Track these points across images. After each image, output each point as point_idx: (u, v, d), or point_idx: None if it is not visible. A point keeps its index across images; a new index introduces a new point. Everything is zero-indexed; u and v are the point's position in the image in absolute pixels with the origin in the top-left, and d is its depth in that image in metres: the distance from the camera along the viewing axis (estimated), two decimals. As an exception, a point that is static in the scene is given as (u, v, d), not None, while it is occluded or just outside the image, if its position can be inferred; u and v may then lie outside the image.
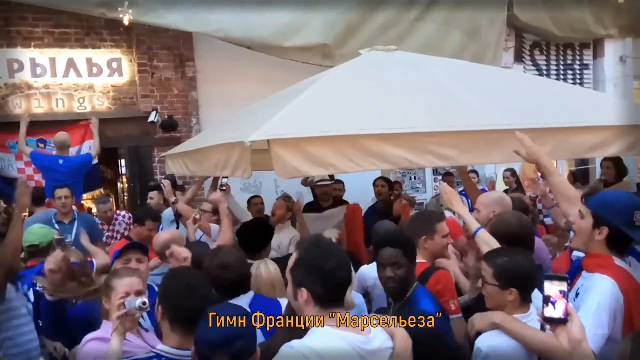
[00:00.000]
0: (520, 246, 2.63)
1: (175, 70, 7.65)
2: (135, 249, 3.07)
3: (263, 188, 7.61)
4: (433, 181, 9.12)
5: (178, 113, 7.66)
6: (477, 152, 3.45)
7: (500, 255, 2.39)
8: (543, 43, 9.49)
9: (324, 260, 1.93)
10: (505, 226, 2.85)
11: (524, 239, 2.82)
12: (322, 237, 2.23)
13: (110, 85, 7.43)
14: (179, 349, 2.06)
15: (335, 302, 1.94)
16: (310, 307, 1.92)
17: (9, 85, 6.99)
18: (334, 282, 1.92)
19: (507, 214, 3.05)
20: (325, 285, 1.90)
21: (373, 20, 7.55)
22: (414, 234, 3.05)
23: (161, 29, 7.19)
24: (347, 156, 3.17)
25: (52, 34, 7.12)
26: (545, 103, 3.89)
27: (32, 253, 3.83)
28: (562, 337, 1.70)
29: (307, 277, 1.93)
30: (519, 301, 2.29)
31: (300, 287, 1.93)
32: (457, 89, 3.84)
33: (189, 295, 2.11)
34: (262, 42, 7.12)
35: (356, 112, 3.46)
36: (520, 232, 2.83)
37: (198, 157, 4.35)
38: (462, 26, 8.08)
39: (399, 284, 2.64)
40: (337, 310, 1.92)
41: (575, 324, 1.68)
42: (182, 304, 2.09)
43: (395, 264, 2.63)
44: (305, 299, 1.91)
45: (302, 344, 1.84)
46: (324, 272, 1.90)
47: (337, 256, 1.97)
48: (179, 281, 2.19)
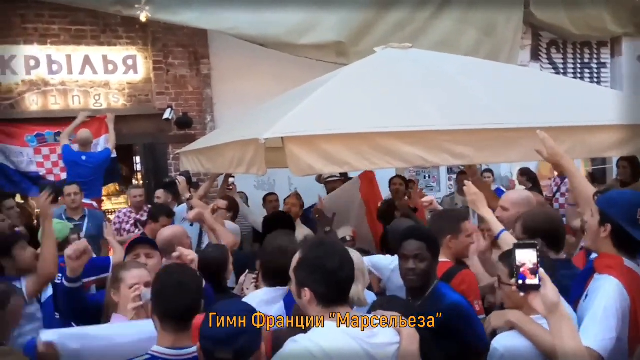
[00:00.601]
0: (552, 243, 2.62)
1: (190, 67, 7.68)
2: (144, 244, 3.07)
3: (277, 185, 7.61)
4: (447, 180, 9.07)
5: (192, 110, 7.69)
6: (492, 150, 3.42)
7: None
8: (560, 41, 9.39)
9: (326, 259, 1.94)
10: (541, 221, 2.81)
11: (557, 235, 2.79)
12: (326, 237, 2.23)
13: (125, 82, 7.48)
14: (172, 349, 2.00)
15: (338, 301, 1.94)
16: (314, 306, 1.93)
17: (26, 81, 7.06)
18: (336, 281, 1.93)
19: (539, 210, 3.01)
20: (327, 284, 1.91)
21: (388, 18, 7.52)
22: (439, 233, 3.02)
23: (176, 27, 7.22)
24: (361, 154, 3.16)
25: (68, 31, 7.17)
26: (562, 101, 3.85)
27: None
28: (536, 302, 1.72)
29: (309, 277, 1.94)
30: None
31: (303, 286, 1.95)
32: (473, 86, 3.81)
33: (178, 293, 2.04)
34: (277, 40, 7.12)
35: (370, 109, 3.45)
36: (554, 228, 2.80)
37: (212, 154, 4.37)
38: (478, 23, 8.02)
39: (419, 277, 2.64)
40: (340, 309, 1.93)
41: (549, 288, 1.71)
42: (171, 302, 2.03)
43: (417, 256, 2.63)
44: (308, 298, 1.93)
45: (305, 337, 1.86)
46: (325, 272, 1.92)
47: (339, 255, 1.97)
48: (169, 278, 2.12)
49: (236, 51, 7.44)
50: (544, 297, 1.71)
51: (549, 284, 1.72)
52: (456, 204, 7.06)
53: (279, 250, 2.69)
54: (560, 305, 1.74)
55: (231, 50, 7.50)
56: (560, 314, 1.74)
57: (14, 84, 7.01)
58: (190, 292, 2.06)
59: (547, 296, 1.71)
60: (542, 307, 1.72)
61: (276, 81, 6.92)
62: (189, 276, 2.15)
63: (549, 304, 1.71)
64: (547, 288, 1.71)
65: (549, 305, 1.72)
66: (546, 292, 1.71)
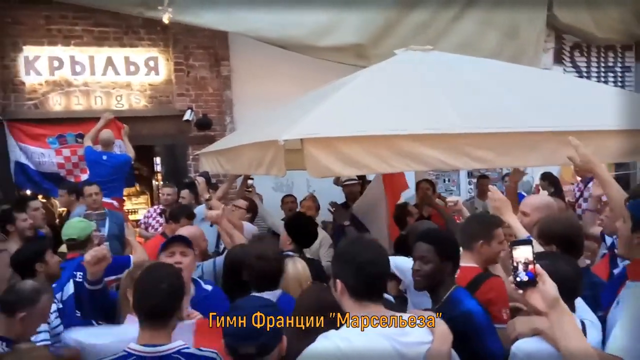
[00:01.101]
0: (569, 248, 2.58)
1: (210, 69, 7.73)
2: (179, 242, 3.10)
3: (295, 187, 7.61)
4: (467, 184, 8.98)
5: (212, 111, 7.74)
6: (513, 154, 3.37)
7: (540, 258, 2.33)
8: (583, 44, 9.26)
9: (358, 253, 1.98)
10: (557, 227, 2.76)
11: (575, 241, 2.74)
12: (365, 235, 2.28)
13: (147, 84, 7.55)
14: (146, 346, 2.05)
15: (368, 296, 1.96)
16: (346, 299, 1.97)
17: (49, 82, 7.17)
18: (365, 274, 1.95)
19: (556, 216, 2.96)
20: (356, 276, 1.95)
21: (409, 20, 7.49)
22: (470, 237, 2.99)
23: (197, 29, 7.27)
24: (380, 156, 3.14)
25: (91, 32, 7.28)
26: (585, 105, 3.78)
27: (71, 246, 3.92)
28: (534, 298, 1.71)
29: (341, 269, 2.00)
30: None
31: (336, 277, 2.00)
32: (494, 89, 3.77)
33: (151, 290, 2.10)
34: (297, 42, 7.13)
35: (390, 112, 3.42)
36: (571, 234, 2.75)
37: (232, 155, 4.37)
38: (500, 26, 7.95)
39: (423, 279, 2.63)
40: (371, 305, 1.95)
41: (547, 284, 1.70)
42: (143, 300, 2.10)
43: (423, 258, 2.63)
44: (340, 289, 1.98)
45: (336, 334, 1.88)
46: (355, 264, 1.96)
47: (373, 251, 2.01)
48: (144, 276, 2.19)
49: (256, 53, 7.48)
50: (544, 293, 1.70)
51: (548, 280, 1.72)
52: (476, 208, 6.99)
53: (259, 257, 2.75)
54: (560, 300, 1.72)
55: (251, 52, 7.53)
56: (561, 309, 1.72)
57: (38, 84, 7.13)
58: (161, 292, 2.09)
59: (546, 292, 1.70)
60: (541, 303, 1.71)
61: (295, 83, 6.92)
62: (166, 276, 2.17)
63: (549, 300, 1.70)
64: (546, 283, 1.71)
65: (549, 301, 1.70)
66: (545, 288, 1.70)
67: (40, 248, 3.50)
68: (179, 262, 2.87)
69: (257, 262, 2.76)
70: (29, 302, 2.62)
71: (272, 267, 2.85)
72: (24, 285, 2.71)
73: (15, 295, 2.65)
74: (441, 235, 2.80)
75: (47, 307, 2.72)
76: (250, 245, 2.91)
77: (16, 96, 7.07)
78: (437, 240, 2.68)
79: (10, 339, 2.56)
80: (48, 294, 2.73)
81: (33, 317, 2.63)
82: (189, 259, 3.02)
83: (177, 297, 2.16)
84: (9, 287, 2.80)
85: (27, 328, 2.62)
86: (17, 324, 2.59)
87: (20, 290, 2.67)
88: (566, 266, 2.23)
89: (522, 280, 1.72)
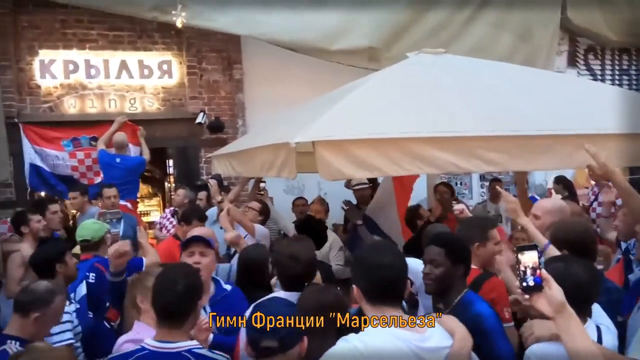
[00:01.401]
0: (582, 253, 2.57)
1: (222, 72, 7.78)
2: (198, 242, 3.13)
3: (306, 190, 7.63)
4: (479, 187, 8.94)
5: (225, 114, 7.78)
6: (526, 157, 3.35)
7: (555, 261, 2.33)
8: (597, 47, 9.19)
9: (374, 258, 2.00)
10: (570, 232, 2.75)
11: (588, 246, 2.72)
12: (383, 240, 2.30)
13: (160, 87, 7.61)
14: (161, 342, 2.13)
15: (384, 300, 1.97)
16: (363, 303, 1.99)
17: (64, 85, 7.25)
18: (380, 278, 1.96)
19: (572, 220, 2.93)
20: (371, 281, 1.96)
21: (421, 23, 7.47)
22: (466, 240, 2.99)
23: (210, 32, 7.31)
24: (391, 159, 3.13)
25: (106, 36, 7.35)
26: (599, 108, 3.75)
27: (84, 247, 3.95)
28: (540, 303, 1.72)
29: (358, 273, 2.03)
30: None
31: (354, 283, 2.03)
32: (507, 92, 3.75)
33: (167, 290, 2.17)
34: (309, 45, 7.15)
35: (402, 115, 3.42)
36: (585, 239, 2.72)
37: (244, 157, 4.39)
38: (514, 28, 7.90)
39: (434, 282, 2.65)
40: (389, 309, 1.96)
41: (554, 288, 1.71)
42: (160, 299, 2.18)
43: (433, 261, 2.64)
44: (357, 295, 2.00)
45: (356, 337, 1.89)
46: (370, 268, 1.97)
47: (389, 255, 2.02)
48: (162, 276, 2.26)
49: (268, 56, 7.51)
50: (550, 298, 1.71)
51: (554, 284, 1.72)
52: (488, 211, 6.95)
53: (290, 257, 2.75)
54: (567, 305, 1.73)
55: (263, 55, 7.57)
56: (568, 313, 1.72)
57: (53, 87, 7.21)
58: (177, 292, 2.16)
59: (553, 296, 1.71)
60: (548, 308, 1.71)
61: (307, 86, 6.94)
62: (182, 276, 2.23)
63: (556, 304, 1.71)
64: (553, 288, 1.72)
65: (556, 305, 1.71)
66: (552, 293, 1.71)
67: (60, 249, 3.54)
68: (197, 262, 2.92)
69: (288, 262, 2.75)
70: (43, 302, 2.65)
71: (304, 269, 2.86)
72: (38, 285, 2.74)
73: (29, 296, 2.68)
74: (452, 239, 2.80)
75: (61, 307, 2.74)
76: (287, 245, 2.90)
77: (32, 99, 7.15)
78: (448, 244, 2.68)
79: (24, 339, 2.59)
80: (62, 294, 2.76)
81: (47, 318, 2.66)
82: (208, 259, 3.06)
83: (192, 298, 2.21)
84: (24, 288, 2.84)
85: (41, 328, 2.65)
86: (31, 324, 2.62)
87: (35, 290, 2.70)
88: (581, 270, 2.20)
89: (529, 285, 1.73)
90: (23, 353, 2.23)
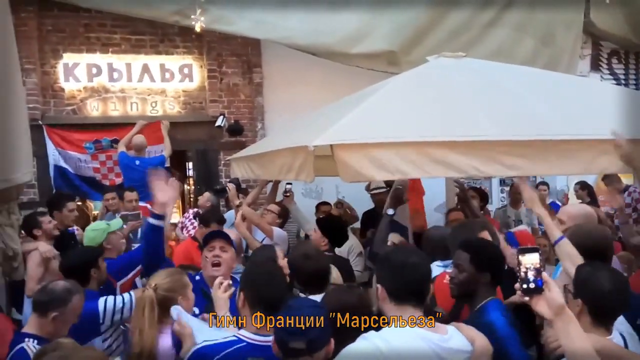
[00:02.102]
0: (598, 258, 2.55)
1: (242, 76, 7.83)
2: (220, 238, 3.18)
3: (324, 193, 7.63)
4: (499, 192, 8.84)
5: (244, 118, 7.83)
6: (548, 162, 3.30)
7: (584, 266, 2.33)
8: (621, 51, 9.05)
9: (400, 259, 2.05)
10: (585, 237, 2.71)
11: (598, 253, 2.67)
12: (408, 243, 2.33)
13: (181, 90, 7.69)
14: (257, 335, 2.19)
15: (408, 301, 1.99)
16: (387, 303, 2.02)
17: (87, 88, 7.37)
18: (405, 277, 2.00)
19: (585, 225, 2.89)
20: (396, 281, 2.00)
21: (442, 26, 7.42)
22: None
23: (231, 36, 7.37)
24: (413, 162, 3.11)
25: (128, 40, 7.46)
26: (623, 113, 3.68)
27: None
28: (540, 305, 1.74)
29: (383, 274, 2.07)
30: (589, 318, 2.15)
31: (379, 283, 2.06)
32: (528, 96, 3.70)
33: (269, 283, 2.26)
34: (328, 49, 7.15)
35: (422, 119, 3.39)
36: (600, 246, 2.68)
37: (262, 160, 4.40)
38: (536, 32, 7.80)
39: (457, 287, 2.65)
40: (412, 309, 1.98)
41: (554, 291, 1.74)
42: (263, 291, 2.24)
43: (458, 266, 2.65)
44: (381, 295, 2.03)
45: (377, 335, 1.91)
46: (395, 269, 2.02)
47: (414, 257, 2.07)
48: (260, 269, 2.35)
49: (288, 60, 7.53)
50: (550, 300, 1.73)
51: (554, 287, 1.74)
52: (508, 216, 6.87)
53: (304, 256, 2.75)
54: (566, 307, 1.75)
55: (283, 59, 7.59)
56: (567, 316, 1.74)
57: (77, 90, 7.34)
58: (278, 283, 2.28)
59: (553, 299, 1.72)
60: (547, 311, 1.73)
61: (327, 89, 6.94)
62: (276, 269, 2.38)
63: (555, 307, 1.72)
64: (553, 291, 1.74)
65: (555, 308, 1.72)
66: (552, 295, 1.73)
67: (95, 253, 3.53)
68: (218, 256, 2.95)
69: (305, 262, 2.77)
70: (61, 302, 2.68)
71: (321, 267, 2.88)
72: (56, 285, 2.77)
73: (47, 296, 2.71)
74: (480, 245, 2.78)
75: (79, 307, 2.76)
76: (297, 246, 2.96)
77: (55, 102, 7.29)
78: (475, 250, 2.67)
79: (42, 338, 2.63)
80: (79, 294, 2.78)
81: (65, 317, 2.69)
82: (228, 254, 3.12)
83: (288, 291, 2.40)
84: (42, 288, 2.87)
85: (59, 327, 2.68)
86: (49, 324, 2.65)
87: (52, 290, 2.73)
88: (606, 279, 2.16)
89: (529, 288, 1.74)
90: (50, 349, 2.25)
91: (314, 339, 1.88)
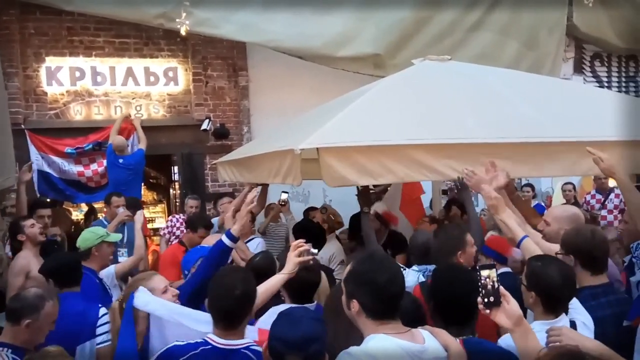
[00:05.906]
0: (586, 264, 2.65)
1: (228, 79, 7.79)
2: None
3: (311, 197, 7.62)
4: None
5: (230, 121, 7.79)
6: (532, 164, 3.34)
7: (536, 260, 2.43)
8: (604, 54, 9.16)
9: (376, 273, 1.94)
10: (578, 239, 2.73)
11: (591, 256, 2.70)
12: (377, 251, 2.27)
13: (165, 94, 7.64)
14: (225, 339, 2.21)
15: (387, 315, 1.94)
16: (362, 318, 1.95)
17: (71, 92, 7.28)
18: (385, 295, 1.93)
19: (579, 227, 2.90)
20: (376, 298, 1.92)
21: (427, 30, 7.46)
22: (449, 252, 3.13)
23: (216, 40, 7.34)
24: (396, 166, 3.13)
25: (112, 43, 7.39)
26: (606, 115, 3.73)
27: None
28: (499, 317, 1.86)
29: (358, 289, 1.97)
30: (541, 308, 2.30)
31: (352, 298, 1.97)
32: (512, 99, 3.74)
33: (226, 295, 2.23)
34: (314, 52, 7.16)
35: (407, 122, 3.41)
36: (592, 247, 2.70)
37: (249, 164, 4.39)
38: (519, 35, 7.88)
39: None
40: (390, 322, 1.93)
41: (512, 303, 1.86)
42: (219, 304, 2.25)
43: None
44: (356, 310, 1.95)
45: (359, 349, 1.86)
46: (374, 286, 1.93)
47: (389, 270, 1.98)
48: (219, 281, 2.32)
49: (274, 63, 7.52)
50: (509, 312, 1.84)
51: (511, 300, 1.87)
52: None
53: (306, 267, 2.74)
54: (524, 319, 1.88)
55: (269, 62, 7.58)
56: (525, 327, 1.88)
57: (59, 94, 7.25)
58: (235, 298, 2.22)
59: (511, 310, 1.85)
60: (507, 322, 1.85)
61: (313, 93, 6.95)
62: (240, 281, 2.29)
63: (514, 318, 1.85)
64: (511, 303, 1.86)
65: (515, 319, 1.85)
66: (511, 307, 1.85)
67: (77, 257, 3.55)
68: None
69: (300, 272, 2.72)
70: (34, 309, 2.64)
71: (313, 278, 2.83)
72: (28, 292, 2.74)
73: (19, 303, 2.68)
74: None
75: (53, 313, 2.72)
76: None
77: (38, 106, 7.18)
78: None
79: (17, 346, 2.59)
80: (52, 300, 2.74)
81: (39, 324, 2.64)
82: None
83: (249, 302, 2.31)
84: (14, 296, 2.84)
85: (34, 335, 2.64)
86: (23, 332, 2.61)
87: (24, 297, 2.70)
88: (555, 271, 2.28)
89: (489, 301, 1.86)
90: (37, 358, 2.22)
91: (312, 354, 1.81)
